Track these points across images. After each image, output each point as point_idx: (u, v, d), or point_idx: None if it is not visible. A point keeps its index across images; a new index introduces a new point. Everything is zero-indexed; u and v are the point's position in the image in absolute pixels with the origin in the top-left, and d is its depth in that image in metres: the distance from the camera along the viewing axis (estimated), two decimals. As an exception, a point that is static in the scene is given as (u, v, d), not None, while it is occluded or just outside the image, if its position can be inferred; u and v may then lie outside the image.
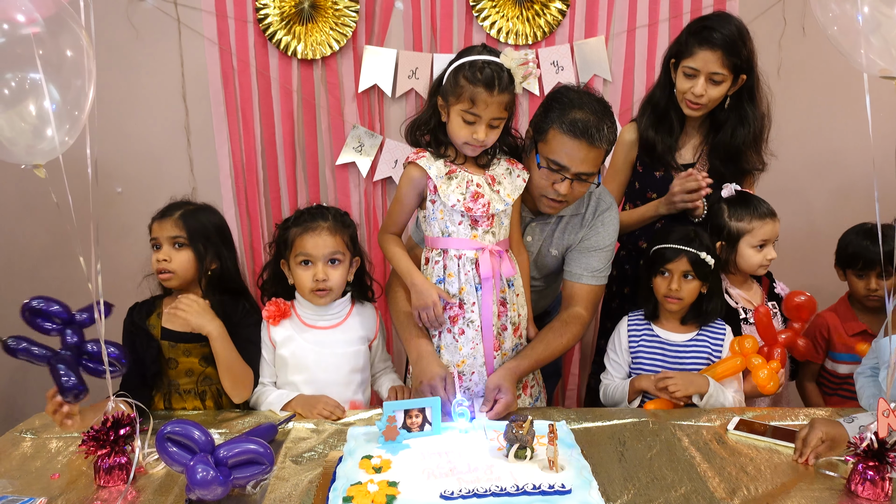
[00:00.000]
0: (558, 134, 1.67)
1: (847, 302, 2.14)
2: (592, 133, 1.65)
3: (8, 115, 1.22)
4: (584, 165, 1.69)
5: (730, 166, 2.06)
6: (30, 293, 3.08)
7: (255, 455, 1.29)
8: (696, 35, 1.96)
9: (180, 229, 1.75)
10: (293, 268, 1.78)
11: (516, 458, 1.29)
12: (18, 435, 1.57)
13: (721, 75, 1.94)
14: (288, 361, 1.79)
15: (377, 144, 2.75)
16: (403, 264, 1.74)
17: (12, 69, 1.22)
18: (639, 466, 1.43)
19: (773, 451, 1.49)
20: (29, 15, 1.22)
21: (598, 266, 1.87)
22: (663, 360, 1.86)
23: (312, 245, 1.74)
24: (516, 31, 2.67)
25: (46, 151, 1.29)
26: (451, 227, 1.68)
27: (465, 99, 1.58)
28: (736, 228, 1.96)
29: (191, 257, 1.75)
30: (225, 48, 2.66)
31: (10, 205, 2.88)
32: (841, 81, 2.69)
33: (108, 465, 1.35)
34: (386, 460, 1.30)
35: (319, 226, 1.75)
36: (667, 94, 2.07)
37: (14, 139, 1.26)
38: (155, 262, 1.75)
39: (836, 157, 2.84)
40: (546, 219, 1.88)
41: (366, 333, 1.85)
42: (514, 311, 1.75)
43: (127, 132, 2.74)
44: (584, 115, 1.66)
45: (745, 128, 2.03)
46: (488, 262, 1.66)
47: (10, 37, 1.20)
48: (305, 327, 1.80)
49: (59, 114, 1.25)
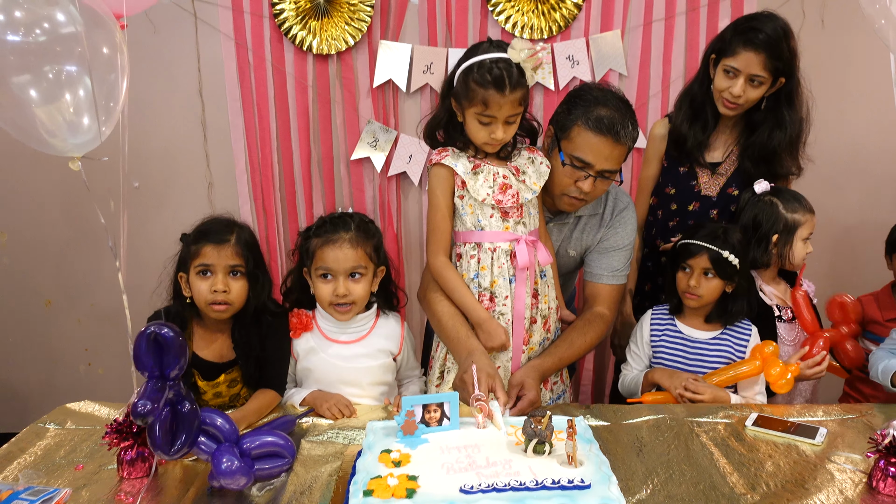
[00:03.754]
0: (583, 131, 1.67)
1: (890, 290, 2.13)
2: (618, 129, 1.65)
3: (48, 108, 1.24)
4: (608, 163, 1.68)
5: (762, 168, 2.02)
6: (52, 287, 3.14)
7: (278, 448, 1.30)
8: (742, 35, 1.91)
9: (240, 258, 1.66)
10: (314, 279, 1.74)
11: (535, 453, 1.29)
12: (42, 426, 1.59)
13: (762, 77, 1.91)
14: (310, 374, 1.77)
15: (392, 140, 2.75)
16: (468, 301, 1.69)
17: (52, 65, 1.23)
18: (658, 462, 1.43)
19: (791, 447, 1.49)
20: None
21: (618, 265, 1.87)
22: (684, 356, 1.85)
23: (333, 258, 1.70)
24: (531, 26, 2.66)
25: (83, 144, 1.30)
26: (484, 220, 1.67)
27: (478, 102, 1.57)
28: (793, 220, 1.94)
29: (245, 286, 1.68)
30: (241, 43, 2.67)
31: (31, 199, 2.91)
32: (860, 74, 2.67)
33: (130, 457, 1.36)
34: (405, 454, 1.31)
35: (341, 238, 1.70)
36: (704, 89, 2.03)
37: (54, 131, 1.28)
38: (208, 291, 1.64)
39: (857, 150, 2.81)
40: (564, 219, 1.87)
41: (390, 347, 1.82)
42: (545, 302, 1.75)
43: (144, 126, 2.76)
44: (609, 112, 1.66)
45: (783, 131, 1.98)
46: (525, 252, 1.66)
47: (52, 34, 1.22)
48: (327, 341, 1.78)
49: (95, 106, 1.27)
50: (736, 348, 1.84)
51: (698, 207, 2.11)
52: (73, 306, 3.04)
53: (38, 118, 1.24)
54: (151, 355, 1.24)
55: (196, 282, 1.65)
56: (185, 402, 1.29)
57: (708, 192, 2.09)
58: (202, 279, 1.65)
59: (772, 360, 1.77)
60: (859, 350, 1.97)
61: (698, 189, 2.10)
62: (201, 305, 1.66)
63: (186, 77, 2.75)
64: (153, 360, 1.25)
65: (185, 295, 1.68)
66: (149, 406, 1.22)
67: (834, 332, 1.96)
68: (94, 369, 3.12)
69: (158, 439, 1.26)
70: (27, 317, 3.05)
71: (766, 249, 1.94)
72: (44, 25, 1.22)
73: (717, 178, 2.09)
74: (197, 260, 1.65)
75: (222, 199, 2.86)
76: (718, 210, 2.09)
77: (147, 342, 1.24)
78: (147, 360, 1.25)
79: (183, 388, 1.29)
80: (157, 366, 1.25)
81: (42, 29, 1.21)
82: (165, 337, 1.24)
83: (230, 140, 2.76)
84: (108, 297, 2.88)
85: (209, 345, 1.72)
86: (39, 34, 1.19)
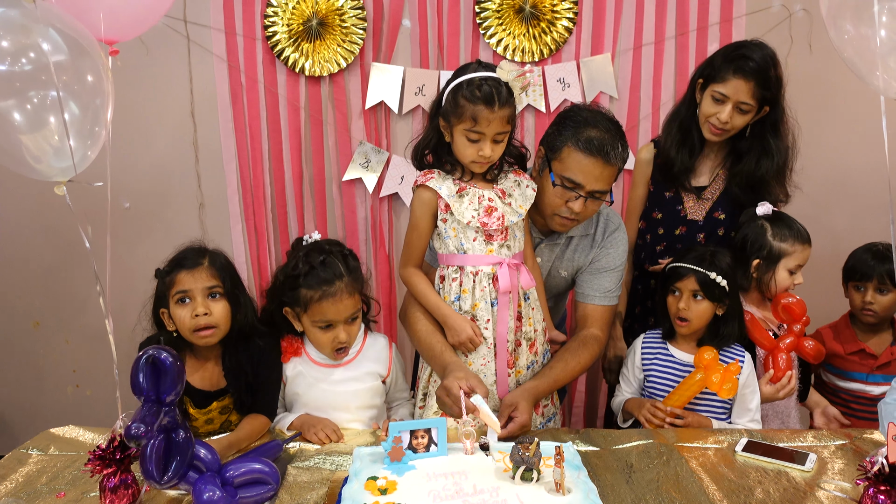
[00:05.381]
0: (573, 151, 1.68)
1: (847, 320, 2.14)
2: (608, 150, 1.66)
3: (33, 136, 1.25)
4: (598, 183, 1.69)
5: (750, 196, 2.02)
6: (41, 308, 3.12)
7: (262, 475, 1.29)
8: (732, 62, 1.91)
9: (215, 278, 1.64)
10: (309, 327, 1.71)
11: (523, 480, 1.28)
12: (25, 452, 1.57)
13: (749, 105, 1.92)
14: (298, 398, 1.76)
15: (384, 161, 2.76)
16: (432, 300, 1.72)
17: (37, 94, 1.24)
18: (647, 489, 1.41)
19: (781, 473, 1.48)
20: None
21: (609, 287, 1.88)
22: (676, 380, 1.83)
23: (335, 312, 1.67)
24: (522, 48, 2.69)
25: (67, 169, 1.31)
26: (466, 243, 1.67)
27: (466, 118, 1.58)
28: (778, 249, 1.93)
29: (227, 307, 1.65)
30: (233, 65, 2.69)
31: (17, 221, 2.90)
32: (848, 99, 2.69)
33: (113, 485, 1.34)
34: (392, 481, 1.29)
35: (338, 289, 1.66)
36: (691, 114, 2.05)
37: (39, 157, 1.28)
38: (190, 318, 1.60)
39: (844, 175, 2.84)
40: (555, 239, 1.88)
41: (378, 369, 1.81)
42: (529, 325, 1.74)
43: (135, 147, 2.77)
44: (599, 134, 1.67)
45: (769, 159, 1.99)
46: (507, 276, 1.66)
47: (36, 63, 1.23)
48: (315, 366, 1.76)
49: (78, 132, 1.28)
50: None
51: (685, 231, 2.11)
52: (61, 327, 3.01)
53: (24, 145, 1.24)
54: (148, 379, 1.23)
55: (177, 311, 1.63)
56: (180, 431, 1.27)
57: (694, 217, 2.10)
58: (182, 307, 1.62)
59: (712, 366, 1.73)
60: (818, 346, 1.94)
61: (684, 213, 2.11)
62: (187, 334, 1.64)
63: (179, 99, 2.76)
64: (149, 384, 1.23)
65: (170, 329, 1.66)
66: (143, 429, 1.20)
67: (789, 336, 1.91)
68: (83, 391, 3.09)
69: (151, 466, 1.23)
70: (14, 338, 3.03)
71: (744, 273, 1.94)
72: (29, 54, 1.23)
73: (703, 203, 2.09)
74: (174, 289, 1.63)
75: (213, 220, 2.86)
76: (705, 234, 2.09)
77: (145, 366, 1.23)
78: (144, 384, 1.23)
79: (178, 416, 1.28)
80: (153, 390, 1.23)
81: (27, 58, 1.22)
82: (164, 362, 1.23)
83: (222, 161, 2.77)
84: (98, 318, 2.82)
85: (200, 373, 1.70)
86: (25, 63, 1.20)
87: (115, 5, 1.51)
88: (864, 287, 2.06)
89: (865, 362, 2.06)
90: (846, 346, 2.08)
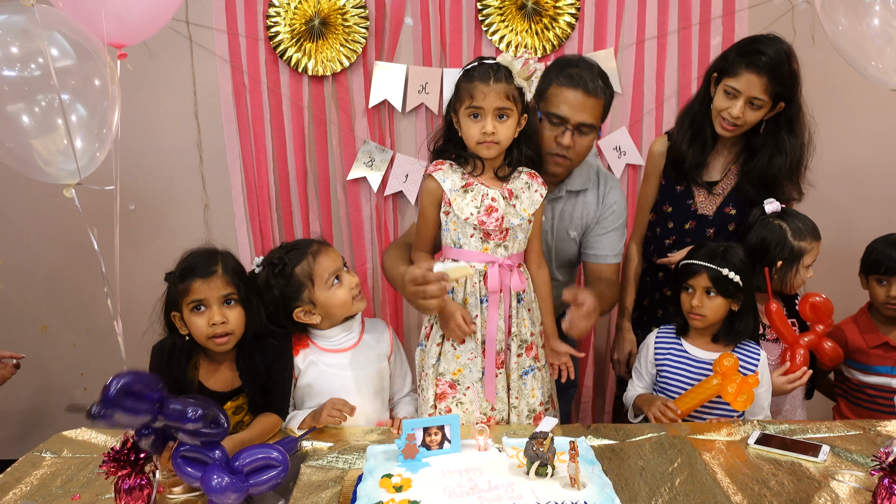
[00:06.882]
0: (556, 88, 1.81)
1: (867, 313, 2.11)
2: (587, 81, 1.78)
3: (43, 139, 1.25)
4: (582, 115, 1.80)
5: (762, 193, 2.00)
6: (48, 311, 3.12)
7: (269, 459, 1.29)
8: (745, 56, 1.89)
9: (231, 286, 1.63)
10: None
11: (537, 476, 1.28)
12: (39, 455, 1.57)
13: (761, 101, 1.89)
14: (311, 389, 1.78)
15: (388, 159, 2.76)
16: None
17: (45, 98, 1.25)
18: (660, 482, 1.42)
19: (795, 465, 1.48)
20: None
21: (619, 245, 2.01)
22: (689, 376, 1.83)
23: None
24: (525, 45, 2.68)
25: (75, 171, 1.32)
26: (463, 239, 1.68)
27: (465, 97, 1.62)
28: (798, 248, 1.93)
29: (242, 313, 1.64)
30: (236, 66, 2.69)
31: (23, 225, 2.90)
32: (852, 90, 2.68)
33: (128, 486, 1.34)
34: (406, 479, 1.30)
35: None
36: (705, 108, 2.02)
37: (49, 161, 1.29)
38: (206, 326, 1.60)
39: (849, 165, 2.83)
40: (556, 193, 1.95)
41: (382, 350, 1.85)
42: (525, 327, 1.74)
43: (139, 149, 2.77)
44: (579, 70, 1.81)
45: (783, 156, 1.97)
46: (496, 276, 1.67)
47: (44, 68, 1.24)
48: (324, 352, 1.79)
49: (86, 135, 1.28)
50: (743, 371, 1.78)
51: (695, 226, 2.10)
52: (68, 330, 3.02)
53: (34, 149, 1.24)
54: (130, 408, 1.19)
55: (192, 319, 1.62)
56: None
57: (704, 212, 2.09)
58: (197, 315, 1.62)
59: (731, 374, 1.71)
60: (837, 349, 1.94)
61: (695, 208, 2.10)
62: (202, 341, 1.63)
63: (182, 100, 2.76)
64: (133, 412, 1.20)
65: (182, 333, 1.65)
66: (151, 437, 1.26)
67: (811, 334, 1.92)
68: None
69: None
70: (22, 341, 3.03)
71: (760, 273, 1.92)
72: (37, 59, 1.23)
73: (714, 198, 2.09)
74: (188, 297, 1.62)
75: (218, 220, 2.86)
76: (715, 229, 2.08)
77: (120, 401, 1.17)
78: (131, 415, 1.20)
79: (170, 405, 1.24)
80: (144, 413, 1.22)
81: (35, 63, 1.23)
82: (131, 387, 1.18)
83: (226, 162, 2.77)
84: (104, 320, 2.85)
85: (214, 375, 1.70)
86: (34, 68, 1.21)
87: (120, 11, 1.52)
88: (887, 281, 2.03)
89: (889, 355, 2.03)
90: (869, 340, 2.06)
